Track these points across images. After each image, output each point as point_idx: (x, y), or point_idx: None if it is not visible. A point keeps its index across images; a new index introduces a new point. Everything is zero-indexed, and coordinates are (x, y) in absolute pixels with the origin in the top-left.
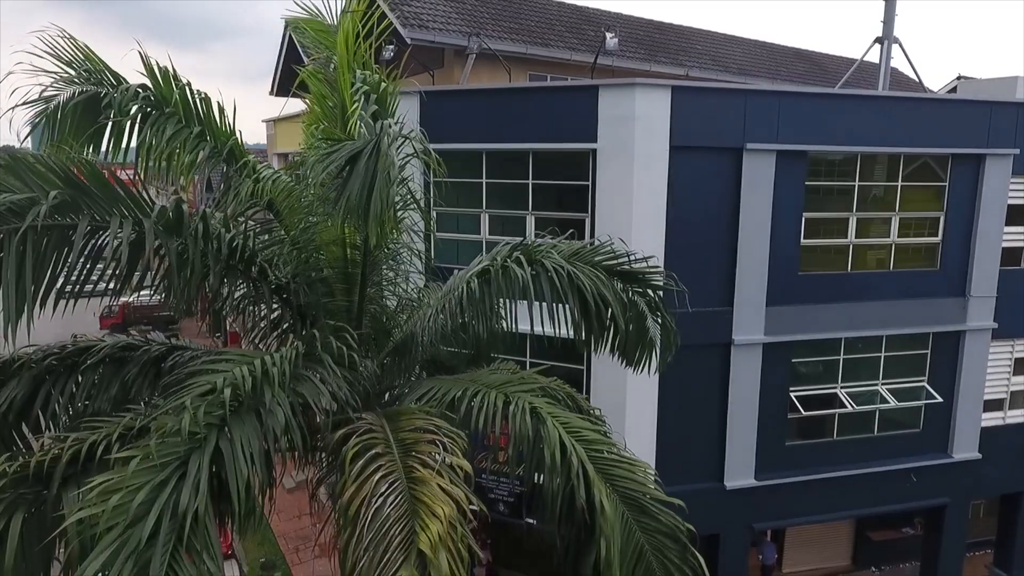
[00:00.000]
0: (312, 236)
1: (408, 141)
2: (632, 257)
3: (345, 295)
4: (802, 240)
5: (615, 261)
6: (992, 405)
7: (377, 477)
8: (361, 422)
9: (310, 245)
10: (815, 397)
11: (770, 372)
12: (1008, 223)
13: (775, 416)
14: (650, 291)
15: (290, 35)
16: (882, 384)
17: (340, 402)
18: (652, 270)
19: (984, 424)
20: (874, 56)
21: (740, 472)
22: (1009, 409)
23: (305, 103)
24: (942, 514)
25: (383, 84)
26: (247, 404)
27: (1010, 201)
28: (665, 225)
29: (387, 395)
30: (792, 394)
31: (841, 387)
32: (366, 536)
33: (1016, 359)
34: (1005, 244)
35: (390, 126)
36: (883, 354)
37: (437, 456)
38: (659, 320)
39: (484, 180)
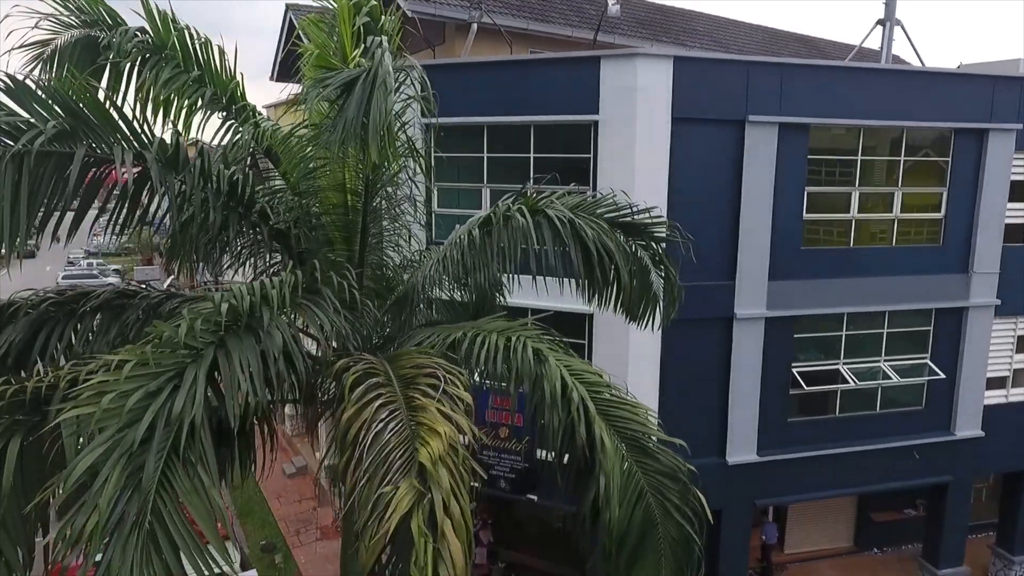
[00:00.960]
0: (312, 183)
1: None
2: (635, 208)
3: (345, 245)
4: (804, 214)
5: (617, 213)
6: (995, 383)
7: (377, 404)
8: (361, 358)
9: (310, 192)
10: (817, 373)
11: (772, 347)
12: (1012, 199)
13: (777, 392)
14: (653, 244)
15: (290, 18)
16: (884, 361)
17: (341, 337)
18: (655, 221)
19: (987, 402)
20: (875, 42)
21: (742, 448)
22: (1012, 387)
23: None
24: (944, 492)
25: (382, 19)
26: (245, 325)
27: (1013, 177)
28: (667, 198)
29: (389, 347)
30: (794, 370)
31: (844, 363)
32: (366, 459)
33: (1019, 336)
34: (1008, 221)
35: (383, 43)
36: (885, 330)
37: (437, 385)
38: (663, 274)
39: (485, 154)
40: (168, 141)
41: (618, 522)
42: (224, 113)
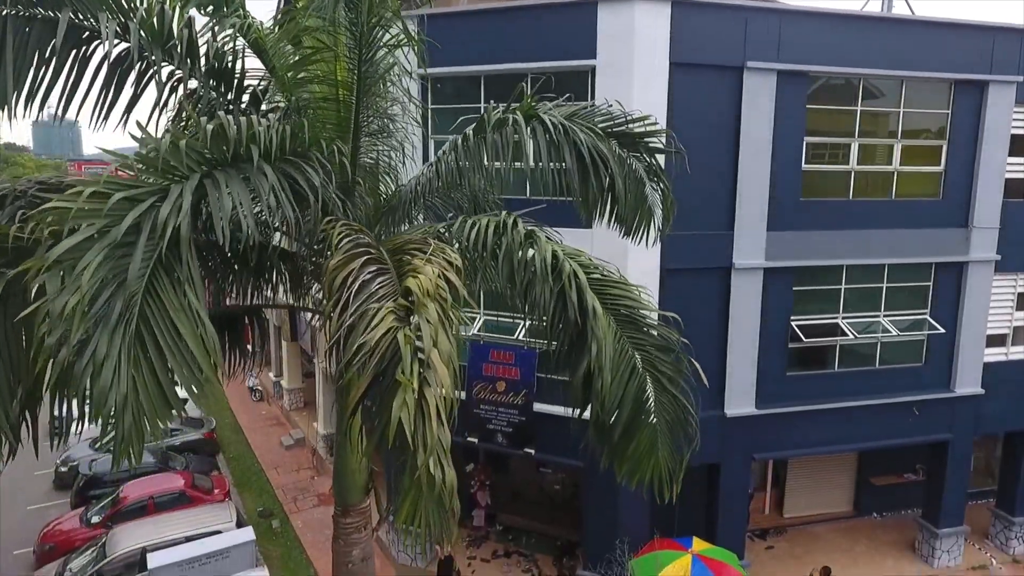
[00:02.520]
0: (303, 74)
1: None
2: (629, 117)
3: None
4: (804, 165)
5: (612, 122)
6: (995, 340)
7: (363, 259)
8: (350, 223)
9: (300, 84)
10: (816, 327)
11: (771, 299)
12: (1012, 154)
13: (776, 345)
14: (648, 156)
15: None
16: (884, 316)
17: (329, 202)
18: (650, 130)
19: (987, 359)
20: (876, 5)
21: (741, 400)
22: (1012, 345)
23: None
24: (944, 451)
25: None
26: (232, 160)
27: (1014, 131)
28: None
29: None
30: (793, 323)
31: (843, 317)
32: (352, 304)
33: (1019, 293)
34: (1009, 175)
35: None
36: (885, 285)
37: (426, 248)
38: (658, 186)
39: (482, 105)
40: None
41: (611, 397)
42: (211, 7)
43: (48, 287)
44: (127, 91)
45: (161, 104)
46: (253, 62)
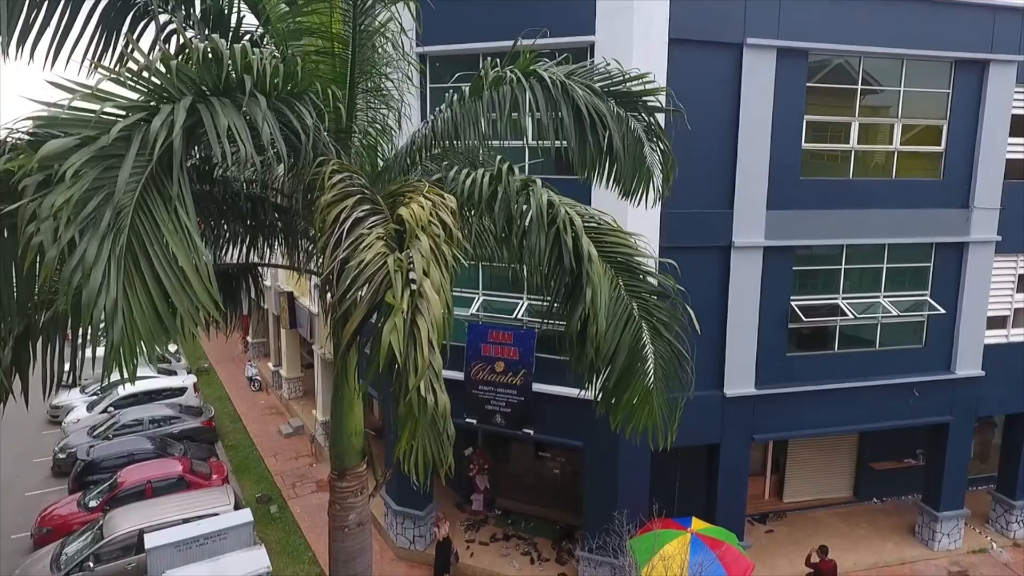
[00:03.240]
0: (296, 23)
1: None
2: (628, 75)
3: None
4: (803, 144)
5: (610, 81)
6: (995, 322)
7: (356, 198)
8: (343, 163)
9: (293, 34)
10: (816, 307)
11: (771, 279)
12: (1013, 134)
13: (776, 325)
14: (646, 115)
15: None
16: (884, 296)
17: (322, 146)
18: (649, 89)
19: (987, 342)
20: None
21: (740, 381)
22: (1013, 327)
23: None
24: (944, 434)
25: None
26: (224, 89)
27: (1015, 111)
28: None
29: None
30: (793, 303)
31: (843, 298)
32: (345, 240)
33: (1020, 275)
34: (1009, 156)
35: None
36: (885, 265)
37: (421, 189)
38: (657, 147)
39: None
40: None
41: (606, 344)
42: None
43: (35, 190)
44: (120, 42)
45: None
46: (251, 19)
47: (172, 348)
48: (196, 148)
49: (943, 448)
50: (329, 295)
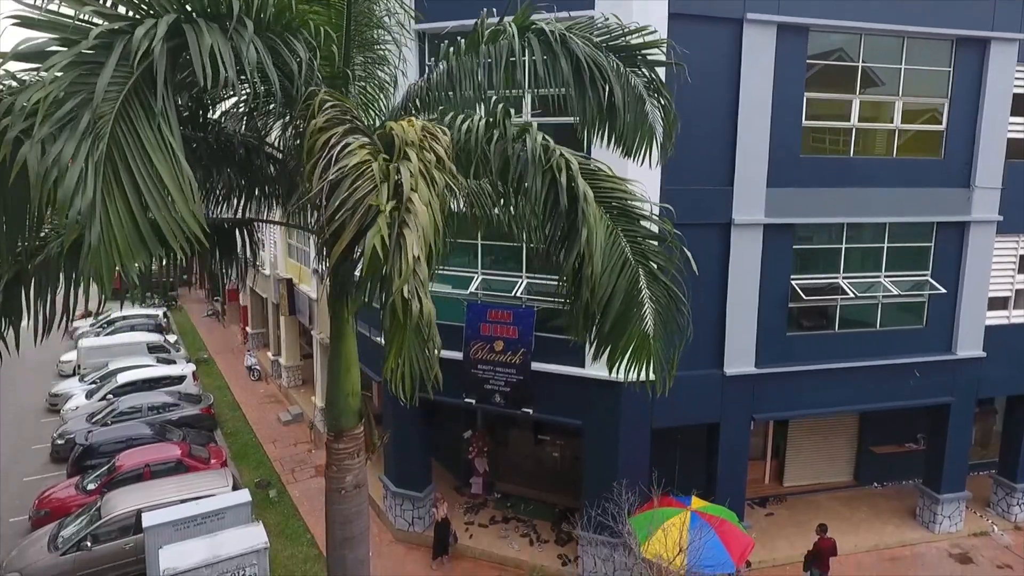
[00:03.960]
0: None
1: None
2: (628, 29)
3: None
4: (804, 121)
5: (609, 35)
6: (997, 304)
7: (347, 126)
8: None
9: None
10: (817, 286)
11: (771, 257)
12: (1015, 114)
13: (776, 304)
14: (647, 71)
15: None
16: (885, 276)
17: (315, 84)
18: (650, 41)
19: (989, 322)
20: None
21: (740, 359)
22: (1014, 308)
23: None
24: (945, 415)
25: None
26: (210, 12)
27: (1016, 90)
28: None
29: None
30: (793, 282)
31: (843, 277)
32: (332, 167)
33: (1021, 256)
34: (1011, 135)
35: None
36: (886, 245)
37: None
38: (658, 103)
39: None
40: None
41: (602, 287)
42: None
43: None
44: None
45: None
46: None
47: (171, 336)
48: (186, 80)
49: (944, 430)
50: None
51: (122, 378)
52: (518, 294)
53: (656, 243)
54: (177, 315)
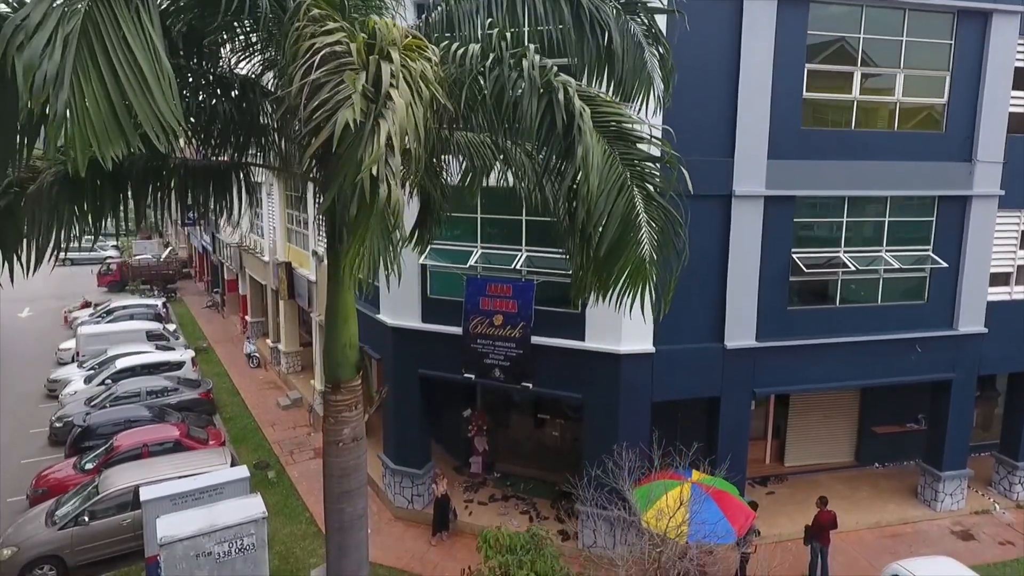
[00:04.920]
0: None
1: None
2: None
3: None
4: (804, 93)
5: None
6: (998, 279)
7: (337, 35)
8: None
9: None
10: (818, 259)
11: (772, 229)
12: (1016, 88)
13: (777, 277)
14: (646, 17)
15: None
16: (886, 251)
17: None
18: None
19: (990, 298)
20: None
21: (741, 333)
22: (1016, 284)
23: None
24: (947, 392)
25: None
26: None
27: (1018, 63)
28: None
29: None
30: (794, 255)
31: (844, 251)
32: (316, 70)
33: (1023, 231)
34: (1013, 110)
35: None
36: (887, 219)
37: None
38: (656, 51)
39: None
40: None
41: (598, 208)
42: None
43: None
44: None
45: None
46: None
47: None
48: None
49: (945, 407)
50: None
51: (121, 363)
52: (518, 266)
53: (653, 164)
54: (176, 307)
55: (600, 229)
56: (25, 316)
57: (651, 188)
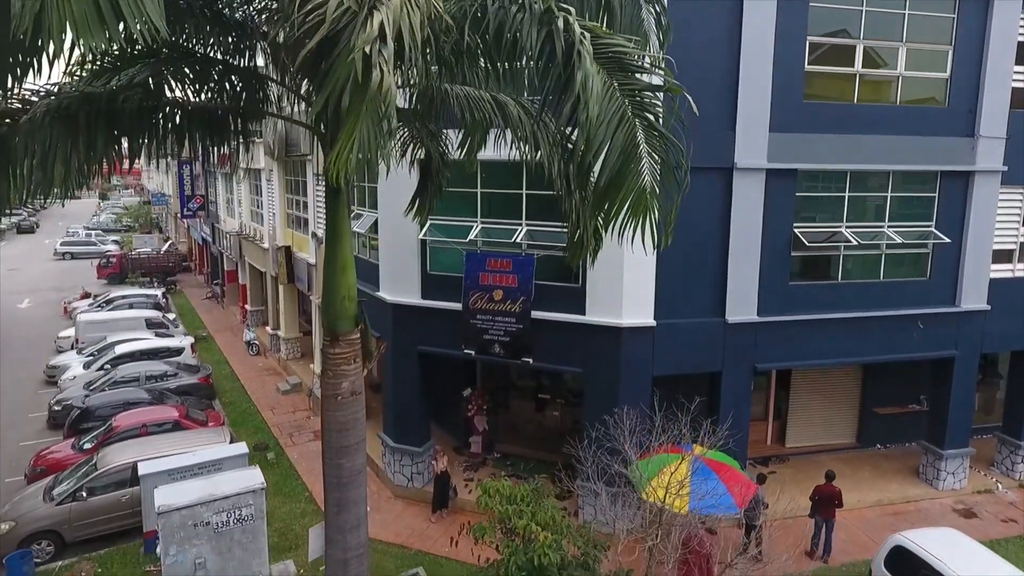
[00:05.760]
0: None
1: None
2: None
3: None
4: (806, 65)
5: None
6: (1001, 257)
7: None
8: None
9: None
10: (820, 233)
11: (773, 203)
12: (1020, 62)
13: (779, 251)
14: None
15: None
16: (888, 227)
17: None
18: None
19: (993, 276)
20: None
21: (742, 307)
22: (1019, 261)
23: None
24: (949, 370)
25: None
26: None
27: (1022, 38)
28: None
29: None
30: (796, 229)
31: (846, 226)
32: None
33: None
34: (1016, 85)
35: None
36: (889, 194)
37: None
38: (653, 11)
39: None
40: None
41: (598, 137)
42: None
43: None
44: None
45: None
46: None
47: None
48: None
49: (948, 385)
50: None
51: (120, 349)
52: (518, 240)
53: (654, 94)
54: (176, 298)
55: (601, 160)
56: (24, 307)
57: (652, 118)
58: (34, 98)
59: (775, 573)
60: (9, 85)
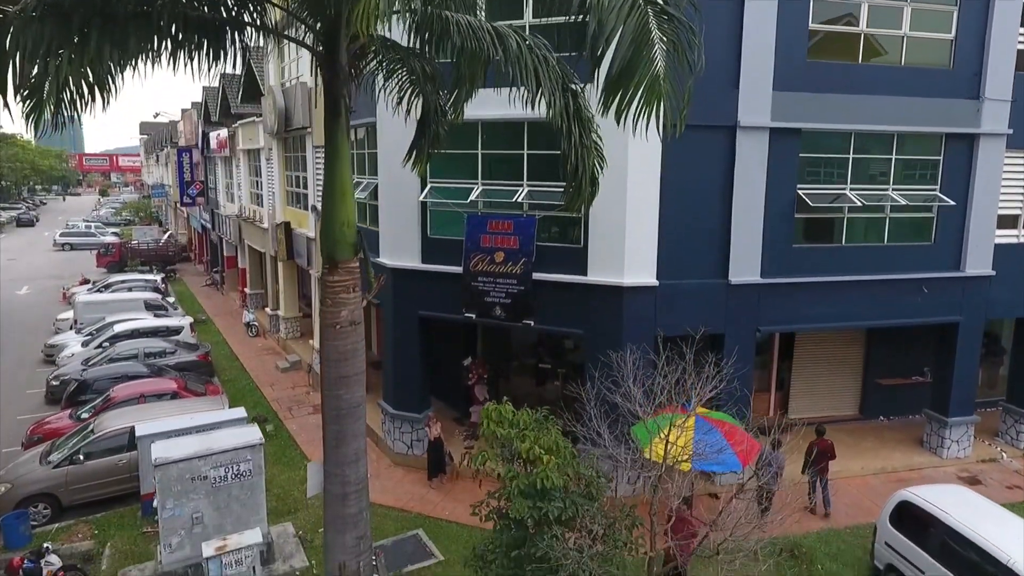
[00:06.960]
0: None
1: None
2: None
3: None
4: (810, 24)
5: None
6: (1006, 222)
7: None
8: None
9: None
10: (824, 196)
11: (777, 163)
12: None
13: (782, 213)
14: None
15: None
16: (893, 189)
17: None
18: None
19: (998, 241)
20: None
21: (745, 268)
22: None
23: None
24: (954, 336)
25: None
26: None
27: None
28: None
29: None
30: (800, 191)
31: (851, 188)
32: None
33: None
34: (1021, 47)
35: None
36: (894, 156)
37: None
38: None
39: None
40: None
41: (609, 24)
42: None
43: None
44: None
45: None
46: None
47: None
48: None
49: (952, 352)
50: None
51: (118, 328)
52: (519, 199)
53: None
54: (176, 286)
55: (612, 48)
56: (24, 294)
57: (662, 2)
58: None
59: (781, 533)
60: None
